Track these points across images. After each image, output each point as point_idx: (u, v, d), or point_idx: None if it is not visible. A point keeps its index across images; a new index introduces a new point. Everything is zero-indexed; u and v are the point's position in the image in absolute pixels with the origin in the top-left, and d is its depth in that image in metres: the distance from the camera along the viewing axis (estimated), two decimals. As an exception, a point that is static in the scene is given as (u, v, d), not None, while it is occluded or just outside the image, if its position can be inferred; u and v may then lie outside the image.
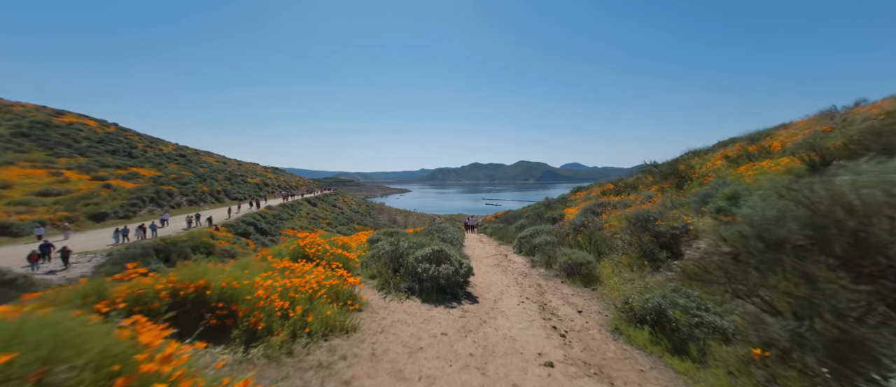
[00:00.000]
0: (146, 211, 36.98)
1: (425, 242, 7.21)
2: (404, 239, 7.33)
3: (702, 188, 8.58)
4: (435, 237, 10.12)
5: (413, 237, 8.36)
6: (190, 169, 54.82)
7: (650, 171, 14.58)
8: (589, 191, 27.52)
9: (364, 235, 10.81)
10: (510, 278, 7.90)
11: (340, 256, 5.72)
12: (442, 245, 6.30)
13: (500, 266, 9.70)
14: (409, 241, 7.22)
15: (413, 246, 6.63)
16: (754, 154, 8.97)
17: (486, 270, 9.09)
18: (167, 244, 25.63)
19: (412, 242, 6.88)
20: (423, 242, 7.02)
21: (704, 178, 9.40)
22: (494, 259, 11.38)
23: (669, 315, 3.60)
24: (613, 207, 13.00)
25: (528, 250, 12.17)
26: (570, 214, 16.78)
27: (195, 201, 45.34)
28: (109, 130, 53.84)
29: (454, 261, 5.86)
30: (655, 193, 11.43)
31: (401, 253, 6.22)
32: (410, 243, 6.77)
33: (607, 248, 8.35)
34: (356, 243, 8.30)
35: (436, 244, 6.13)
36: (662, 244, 6.36)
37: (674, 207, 8.61)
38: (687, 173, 10.28)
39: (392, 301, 5.10)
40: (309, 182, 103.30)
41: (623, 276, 6.41)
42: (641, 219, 7.09)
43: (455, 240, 14.01)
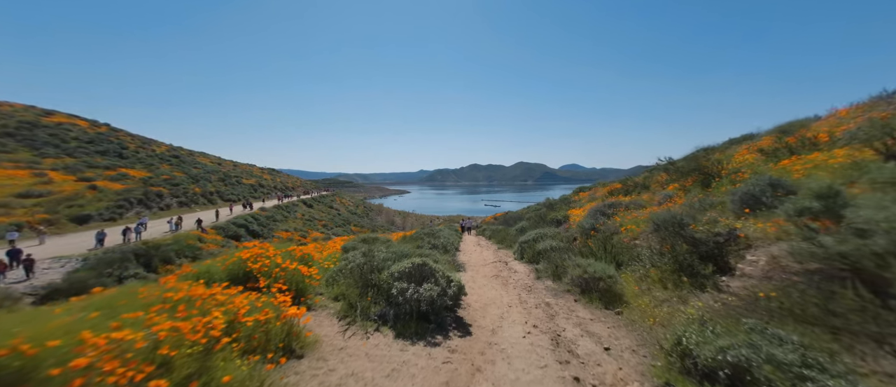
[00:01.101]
0: (133, 213, 35.70)
1: (409, 251, 5.90)
2: (384, 247, 6.03)
3: (737, 186, 7.28)
4: (424, 244, 8.81)
5: (397, 245, 7.05)
6: (183, 170, 53.55)
7: (664, 168, 13.27)
8: (593, 191, 26.22)
9: (340, 242, 9.48)
10: (512, 294, 6.59)
11: (294, 274, 4.43)
12: (426, 257, 5.00)
13: (500, 276, 8.39)
14: (390, 250, 5.92)
15: (391, 258, 5.33)
16: (796, 146, 7.69)
17: (483, 281, 7.78)
18: (149, 248, 24.30)
19: (391, 253, 5.58)
20: (406, 252, 5.72)
21: (736, 174, 8.09)
22: (493, 267, 10.07)
23: (759, 377, 2.30)
24: (626, 208, 11.68)
25: (531, 257, 10.85)
26: (575, 215, 15.46)
27: (186, 203, 44.05)
28: (100, 131, 52.60)
29: (440, 278, 4.55)
30: (675, 192, 10.12)
31: (375, 267, 4.92)
32: (389, 254, 5.47)
33: (627, 257, 7.03)
34: (327, 252, 7.01)
35: (417, 257, 4.83)
36: (704, 255, 5.05)
37: (704, 208, 7.31)
38: (713, 169, 8.96)
39: (354, 336, 3.81)
40: (306, 183, 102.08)
41: (654, 295, 5.10)
42: (673, 222, 5.78)
43: (449, 245, 12.69)
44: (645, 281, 5.82)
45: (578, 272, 6.10)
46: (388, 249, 5.76)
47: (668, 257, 5.32)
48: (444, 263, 6.00)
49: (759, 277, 4.09)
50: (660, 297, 4.99)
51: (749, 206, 6.08)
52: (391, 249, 5.78)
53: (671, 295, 4.88)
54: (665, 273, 5.32)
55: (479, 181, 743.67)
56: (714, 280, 4.66)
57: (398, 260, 5.29)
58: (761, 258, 4.34)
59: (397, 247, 6.40)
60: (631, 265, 6.84)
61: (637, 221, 9.11)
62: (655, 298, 5.03)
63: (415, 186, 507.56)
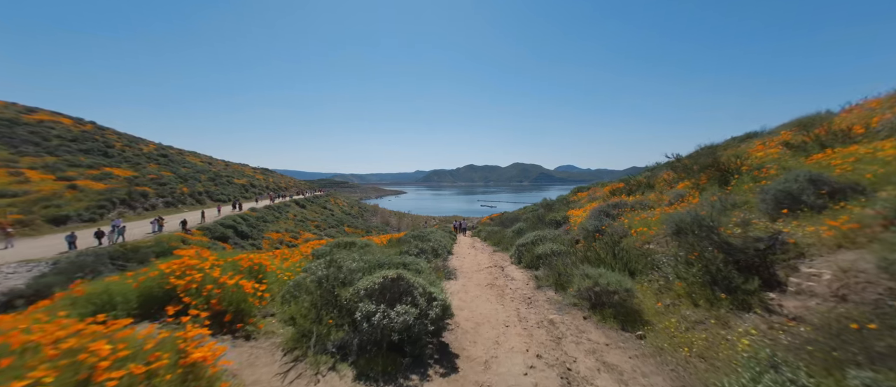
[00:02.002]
0: (115, 213, 34.35)
1: (386, 259, 4.92)
2: (358, 254, 5.05)
3: (764, 183, 6.39)
4: (411, 248, 7.84)
5: (377, 250, 6.06)
6: (171, 169, 52.14)
7: (671, 165, 12.41)
8: (592, 191, 25.35)
9: (314, 245, 8.46)
10: (509, 309, 5.63)
11: (234, 292, 3.45)
12: (403, 269, 4.04)
13: (495, 285, 7.44)
14: (365, 258, 4.94)
15: (362, 268, 4.36)
16: (827, 139, 6.84)
17: (476, 291, 6.83)
18: (126, 250, 23.08)
19: (365, 262, 4.61)
20: (383, 261, 4.75)
21: (760, 170, 7.21)
22: (488, 273, 9.11)
23: None
24: (631, 209, 10.79)
25: (529, 261, 9.92)
26: (576, 216, 14.57)
27: (173, 203, 42.70)
28: (85, 129, 51.07)
29: (419, 296, 3.59)
30: (687, 190, 9.24)
31: (341, 280, 3.96)
32: (361, 264, 4.49)
33: (641, 264, 6.11)
34: (295, 259, 6.02)
35: (391, 268, 3.86)
36: (743, 265, 4.14)
37: (725, 208, 6.42)
38: (731, 165, 8.08)
39: (300, 379, 2.84)
40: (300, 183, 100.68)
41: (683, 314, 4.17)
42: (700, 224, 4.86)
43: (440, 248, 11.73)
44: (666, 294, 4.90)
45: (588, 284, 5.16)
46: (362, 257, 4.79)
47: (698, 268, 4.40)
48: (429, 272, 5.05)
49: (826, 296, 3.18)
50: (690, 317, 4.06)
51: (787, 205, 5.19)
52: (366, 257, 4.80)
53: (705, 315, 3.95)
54: (693, 286, 4.39)
55: (476, 182, 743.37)
56: (760, 297, 3.75)
57: (371, 271, 4.32)
58: (824, 271, 3.42)
59: (375, 254, 5.44)
60: (646, 274, 5.93)
61: (648, 223, 8.21)
62: (685, 318, 4.10)
63: (411, 187, 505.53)
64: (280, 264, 5.00)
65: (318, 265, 4.15)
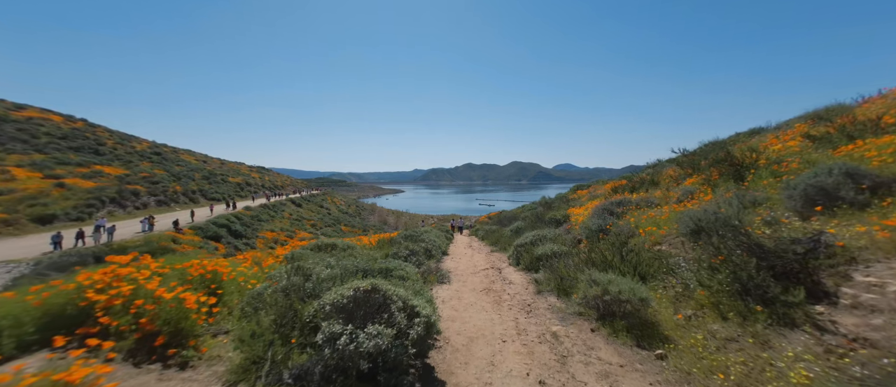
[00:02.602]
0: (105, 212, 33.62)
1: (370, 263, 4.28)
2: (333, 260, 4.41)
3: (787, 178, 5.79)
4: (401, 249, 7.20)
5: (362, 253, 5.42)
6: (164, 168, 51.32)
7: (678, 161, 11.81)
8: (592, 189, 24.75)
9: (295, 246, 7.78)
10: (507, 320, 5.00)
11: (174, 310, 2.81)
12: (383, 278, 3.41)
13: (492, 290, 6.81)
14: (343, 263, 4.30)
15: (336, 276, 3.72)
16: (855, 130, 6.25)
17: (471, 298, 6.20)
18: (113, 250, 22.34)
19: (341, 268, 3.96)
20: (362, 268, 4.11)
21: (780, 164, 6.61)
22: (484, 276, 8.49)
23: None
24: (636, 207, 10.19)
25: (528, 263, 9.30)
26: (577, 215, 13.97)
27: (165, 202, 41.95)
28: (76, 126, 50.16)
29: (398, 312, 2.96)
30: (697, 187, 8.63)
31: (308, 292, 3.32)
32: (336, 270, 3.85)
33: (654, 267, 5.49)
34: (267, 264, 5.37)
35: (365, 280, 3.22)
36: (780, 272, 3.54)
37: (744, 205, 5.81)
38: (747, 159, 7.48)
39: (237, 424, 2.22)
40: (296, 182, 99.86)
41: (710, 329, 3.56)
42: (724, 224, 4.25)
43: (434, 248, 11.10)
44: (685, 303, 4.29)
45: (596, 291, 4.53)
46: (338, 263, 4.15)
47: (725, 274, 3.78)
48: (417, 278, 4.40)
49: (895, 313, 2.57)
50: (720, 333, 3.44)
51: (820, 202, 4.58)
52: (344, 263, 4.16)
53: (738, 331, 3.34)
54: (720, 296, 3.78)
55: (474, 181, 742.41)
56: (806, 311, 3.14)
57: (346, 280, 3.68)
58: (890, 281, 2.81)
59: (357, 258, 4.79)
60: (658, 279, 5.32)
61: (656, 222, 7.61)
62: (712, 334, 3.48)
63: (409, 186, 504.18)
64: (247, 270, 4.35)
65: (283, 272, 3.52)
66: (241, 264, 5.13)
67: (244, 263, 5.43)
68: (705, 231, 4.64)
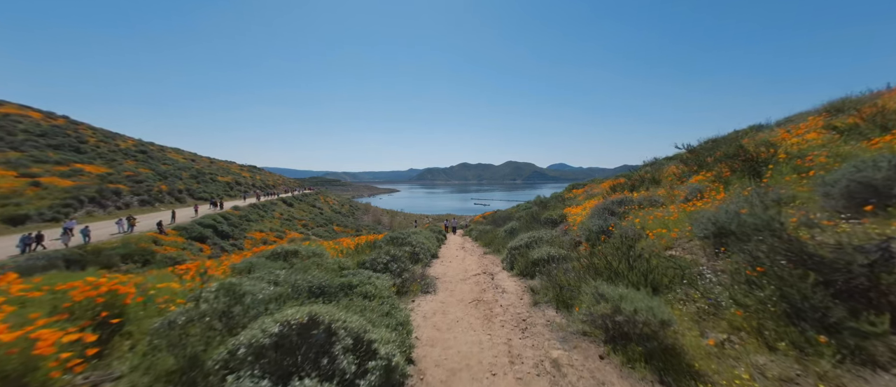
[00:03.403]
0: (83, 212, 32.29)
1: (331, 277, 3.44)
2: (288, 273, 3.55)
3: (819, 173, 5.08)
4: (380, 255, 6.36)
5: (331, 262, 4.57)
6: (150, 166, 49.85)
7: (682, 158, 11.11)
8: (589, 187, 24.08)
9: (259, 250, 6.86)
10: (498, 341, 4.21)
11: (16, 357, 1.97)
12: (322, 306, 2.58)
13: (482, 301, 6.01)
14: (301, 277, 3.45)
15: (281, 297, 2.88)
16: (888, 121, 5.56)
17: (458, 312, 5.39)
18: (86, 253, 21.17)
19: (291, 286, 3.12)
20: (315, 284, 3.26)
21: (803, 159, 5.89)
22: (475, 283, 7.69)
23: None
24: (639, 206, 9.46)
25: (523, 268, 8.53)
26: (574, 214, 13.23)
27: (149, 202, 40.60)
28: (56, 123, 48.49)
29: (345, 354, 2.14)
30: (706, 184, 7.92)
31: (234, 322, 2.49)
32: (282, 289, 3.01)
33: (668, 276, 4.73)
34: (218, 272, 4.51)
35: (305, 306, 2.37)
36: (841, 289, 2.78)
37: (765, 204, 5.08)
38: (763, 154, 6.77)
39: None
40: (289, 181, 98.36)
41: (754, 361, 2.79)
42: (764, 227, 3.48)
43: (422, 251, 10.29)
44: (711, 322, 3.52)
45: (604, 309, 3.74)
46: (289, 278, 3.30)
47: (770, 290, 3.01)
48: (386, 295, 3.56)
49: None
50: (770, 368, 2.67)
51: (870, 200, 3.84)
52: (295, 278, 3.31)
53: (795, 368, 2.57)
54: (762, 318, 3.02)
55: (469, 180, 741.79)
56: (891, 346, 2.38)
57: (299, 300, 2.84)
58: None
59: (323, 267, 3.92)
60: (674, 290, 4.56)
61: (665, 223, 6.86)
62: (760, 370, 2.70)
63: (404, 185, 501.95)
64: (180, 286, 3.49)
65: (208, 296, 2.68)
66: (184, 276, 4.27)
67: (187, 274, 4.56)
68: (735, 235, 3.88)
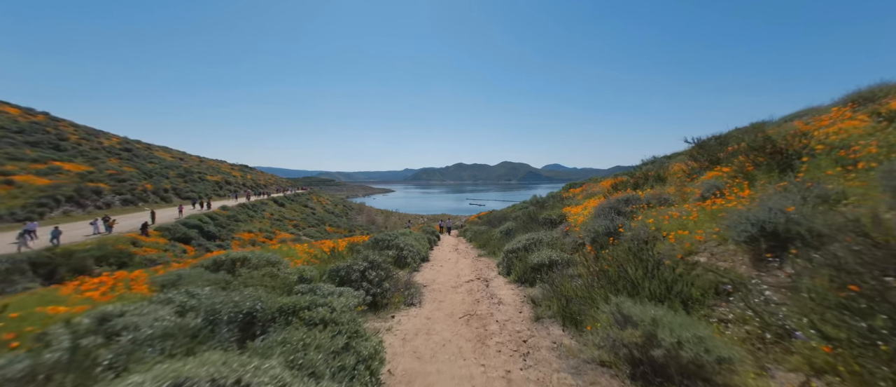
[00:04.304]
0: (60, 212, 30.89)
1: (270, 299, 2.51)
2: (212, 288, 2.61)
3: (869, 165, 4.27)
4: (358, 260, 5.42)
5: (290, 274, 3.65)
6: (135, 165, 48.30)
7: (692, 153, 10.32)
8: (587, 186, 23.34)
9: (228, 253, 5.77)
10: (494, 373, 3.31)
11: None
12: (197, 368, 1.69)
13: (475, 316, 5.12)
14: (216, 300, 2.52)
15: (185, 329, 1.96)
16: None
17: (446, 331, 4.48)
18: (55, 256, 19.88)
19: (202, 315, 2.20)
20: (245, 309, 2.34)
21: (847, 150, 5.08)
22: (468, 292, 6.79)
23: None
24: (648, 205, 8.63)
25: (522, 274, 7.65)
26: (575, 214, 12.39)
27: (133, 201, 39.19)
28: (35, 120, 46.76)
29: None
30: (724, 180, 7.10)
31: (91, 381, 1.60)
32: (186, 322, 2.09)
33: (699, 287, 3.87)
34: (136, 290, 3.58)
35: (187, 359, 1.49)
36: None
37: (805, 201, 4.26)
38: (792, 147, 5.96)
39: None
40: (281, 181, 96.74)
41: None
42: (851, 229, 2.63)
43: (411, 255, 9.36)
44: (776, 355, 2.66)
45: (633, 337, 2.86)
46: (208, 299, 2.36)
47: (883, 321, 2.15)
48: (345, 321, 2.63)
49: None
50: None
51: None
52: (213, 300, 2.38)
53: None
54: (873, 363, 2.15)
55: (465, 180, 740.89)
56: None
57: (217, 333, 1.91)
58: None
59: (275, 280, 2.97)
60: (704, 303, 3.71)
61: (683, 223, 6.02)
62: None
63: (400, 186, 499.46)
64: (66, 309, 2.57)
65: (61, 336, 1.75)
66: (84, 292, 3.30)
67: (99, 289, 3.59)
68: (801, 239, 3.02)
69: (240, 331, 2.26)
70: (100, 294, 3.51)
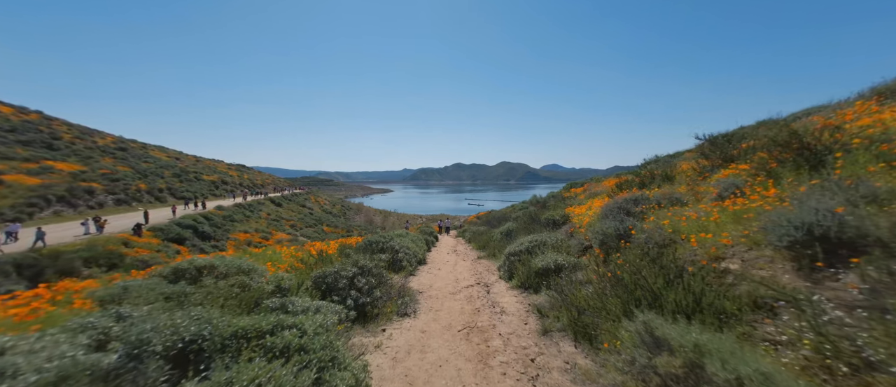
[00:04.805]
0: (50, 212, 30.26)
1: (223, 323, 1.97)
2: (151, 305, 2.08)
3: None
4: (347, 266, 4.87)
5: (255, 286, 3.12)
6: (129, 164, 47.64)
7: (702, 151, 9.80)
8: (588, 186, 22.80)
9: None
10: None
11: None
12: None
13: (476, 328, 4.59)
14: (141, 327, 1.97)
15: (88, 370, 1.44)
16: None
17: (442, 348, 3.94)
18: (42, 257, 19.25)
19: (125, 351, 1.67)
20: (188, 336, 1.81)
21: (890, 144, 4.58)
22: (466, 298, 6.25)
23: None
24: (658, 205, 8.10)
25: (525, 279, 7.12)
26: (579, 215, 11.87)
27: (126, 201, 38.55)
28: (28, 119, 46.07)
29: None
30: (743, 178, 6.58)
31: None
32: (86, 362, 1.56)
33: (734, 301, 3.36)
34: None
35: None
36: None
37: (850, 201, 3.74)
38: (821, 142, 5.45)
39: None
40: (278, 181, 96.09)
41: None
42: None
43: (408, 257, 8.82)
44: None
45: (671, 365, 2.33)
46: (133, 327, 1.85)
47: None
48: (317, 347, 2.11)
49: None
50: None
51: None
52: (139, 328, 1.85)
53: None
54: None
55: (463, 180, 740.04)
56: None
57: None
58: None
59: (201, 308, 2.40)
60: (740, 318, 3.20)
61: (703, 225, 5.50)
62: None
63: (398, 186, 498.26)
64: None
65: None
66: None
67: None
68: (855, 244, 2.51)
69: (174, 368, 1.74)
70: (28, 311, 2.92)
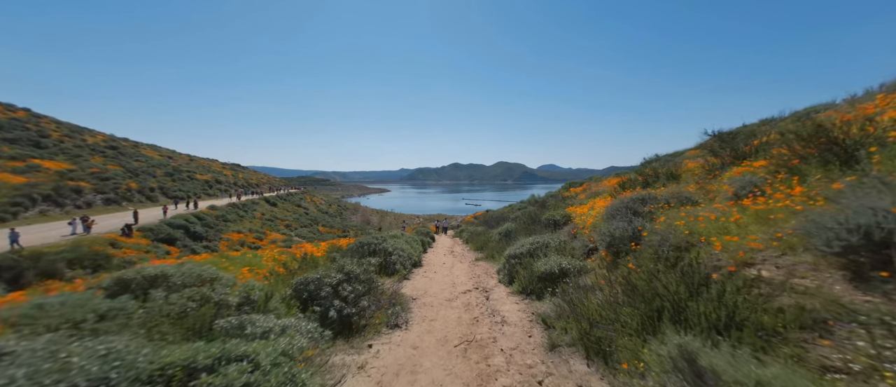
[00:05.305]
0: (36, 211, 29.42)
1: (165, 353, 1.44)
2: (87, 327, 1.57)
3: None
4: (331, 273, 4.34)
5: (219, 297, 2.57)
6: (120, 163, 46.72)
7: (712, 149, 9.36)
8: (588, 185, 22.37)
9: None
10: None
11: None
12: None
13: (474, 342, 4.08)
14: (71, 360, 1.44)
15: None
16: None
17: (436, 371, 3.41)
18: (22, 259, 18.46)
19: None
20: (89, 380, 1.29)
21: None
22: (464, 305, 5.74)
23: None
24: (668, 204, 7.63)
25: (527, 284, 6.62)
26: (581, 215, 11.40)
27: (116, 200, 37.71)
28: (15, 116, 45.08)
29: None
30: (762, 176, 6.12)
31: None
32: None
33: (770, 313, 2.88)
34: None
35: None
36: None
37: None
38: (850, 136, 4.99)
39: None
40: (274, 180, 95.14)
41: None
42: None
43: (402, 260, 8.28)
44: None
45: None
46: (47, 358, 1.36)
47: None
48: (277, 378, 1.67)
49: None
50: None
51: None
52: (56, 365, 1.36)
53: None
54: None
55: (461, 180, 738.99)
56: None
57: None
58: None
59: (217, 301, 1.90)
60: (786, 336, 2.72)
61: (724, 228, 5.02)
62: None
63: (396, 185, 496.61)
64: None
65: None
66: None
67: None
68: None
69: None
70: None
